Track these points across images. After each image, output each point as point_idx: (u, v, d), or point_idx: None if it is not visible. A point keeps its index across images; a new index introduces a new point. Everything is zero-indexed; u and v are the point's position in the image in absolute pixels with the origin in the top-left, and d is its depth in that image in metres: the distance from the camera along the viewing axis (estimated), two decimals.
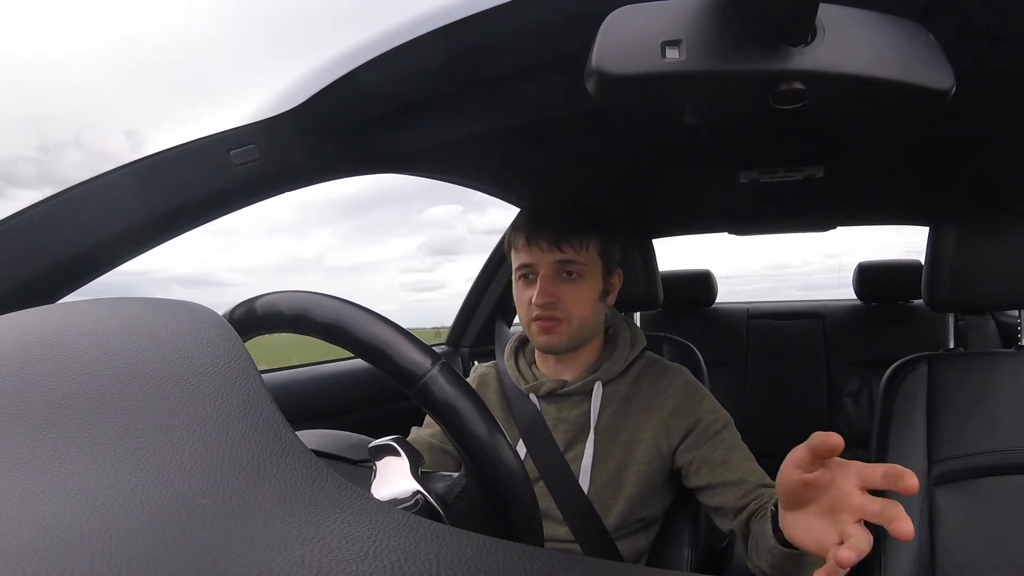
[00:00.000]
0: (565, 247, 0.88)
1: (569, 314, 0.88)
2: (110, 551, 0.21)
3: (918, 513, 0.90)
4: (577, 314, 0.89)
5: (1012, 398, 0.94)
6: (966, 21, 0.56)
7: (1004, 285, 0.97)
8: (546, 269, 0.88)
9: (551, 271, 0.88)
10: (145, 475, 0.25)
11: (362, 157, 0.85)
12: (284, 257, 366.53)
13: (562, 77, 0.66)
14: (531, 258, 0.89)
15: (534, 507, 0.45)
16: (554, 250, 0.88)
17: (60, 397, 0.28)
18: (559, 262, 0.88)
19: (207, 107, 7.02)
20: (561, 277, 0.89)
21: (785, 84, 0.39)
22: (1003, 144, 1.02)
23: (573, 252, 0.88)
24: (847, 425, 1.95)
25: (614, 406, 0.91)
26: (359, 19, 45.29)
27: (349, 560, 0.23)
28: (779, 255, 38.27)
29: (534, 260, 0.89)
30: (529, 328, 0.91)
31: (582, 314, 0.90)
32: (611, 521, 0.87)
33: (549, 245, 0.88)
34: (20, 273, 0.59)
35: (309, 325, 0.46)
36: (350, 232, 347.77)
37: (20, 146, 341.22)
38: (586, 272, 0.90)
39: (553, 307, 0.88)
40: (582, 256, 0.89)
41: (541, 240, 0.88)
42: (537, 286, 0.88)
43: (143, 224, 0.65)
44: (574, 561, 0.26)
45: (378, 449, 0.46)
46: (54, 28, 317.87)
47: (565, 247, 0.88)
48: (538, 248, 0.88)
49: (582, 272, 0.89)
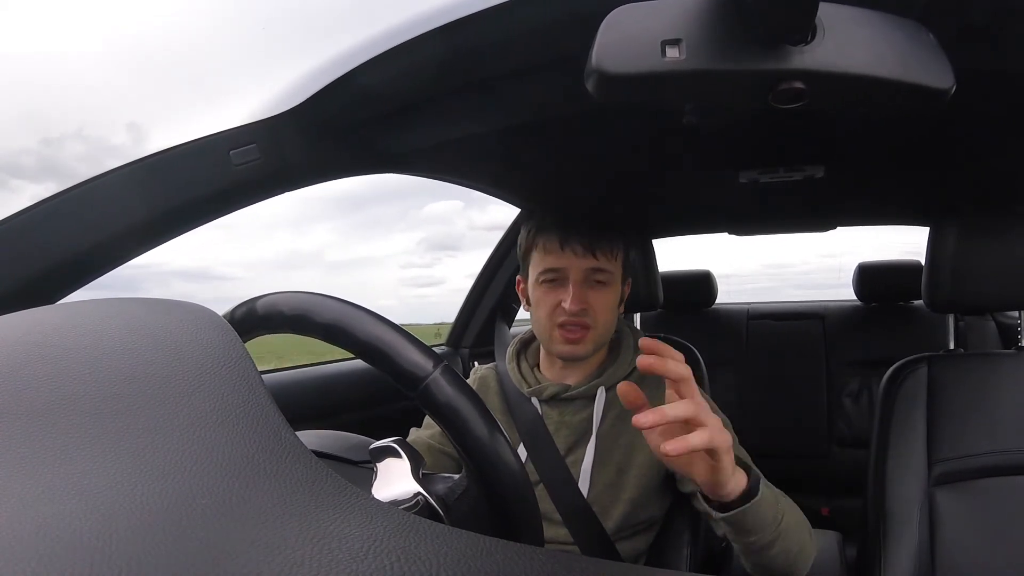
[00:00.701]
0: (599, 254, 0.88)
1: (596, 321, 0.89)
2: (110, 551, 0.21)
3: (918, 513, 0.90)
4: (603, 321, 0.89)
5: (1012, 399, 0.94)
6: (966, 21, 0.56)
7: (1004, 285, 0.97)
8: (577, 275, 0.88)
9: (582, 277, 0.88)
10: (145, 475, 0.25)
11: (362, 157, 0.86)
12: (284, 252, 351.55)
13: (562, 77, 0.66)
14: (563, 263, 0.88)
15: (534, 508, 0.45)
16: (588, 256, 0.88)
17: (60, 397, 0.28)
18: (591, 269, 0.88)
19: (207, 107, 7.03)
20: (590, 284, 0.89)
21: (785, 83, 0.39)
22: (1003, 144, 1.02)
23: (605, 260, 0.88)
24: (847, 425, 1.95)
25: (616, 411, 0.91)
26: (359, 19, 45.30)
27: (349, 560, 0.23)
28: (778, 255, 38.22)
29: (566, 264, 0.88)
30: (551, 333, 0.91)
31: (607, 321, 0.90)
32: (611, 524, 0.87)
33: (584, 251, 0.87)
34: (20, 273, 0.59)
35: (310, 326, 0.46)
36: (350, 227, 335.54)
37: (23, 139, 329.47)
38: (612, 280, 0.90)
39: (584, 314, 0.88)
40: (611, 264, 0.89)
41: (576, 244, 0.87)
42: (570, 292, 0.87)
43: (143, 224, 0.65)
44: (574, 561, 0.26)
45: (379, 451, 0.46)
46: (57, 26, 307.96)
47: (599, 254, 0.88)
48: (572, 253, 0.88)
49: (609, 280, 0.90)
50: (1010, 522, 0.88)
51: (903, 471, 0.94)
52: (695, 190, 1.41)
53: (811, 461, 1.94)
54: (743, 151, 1.08)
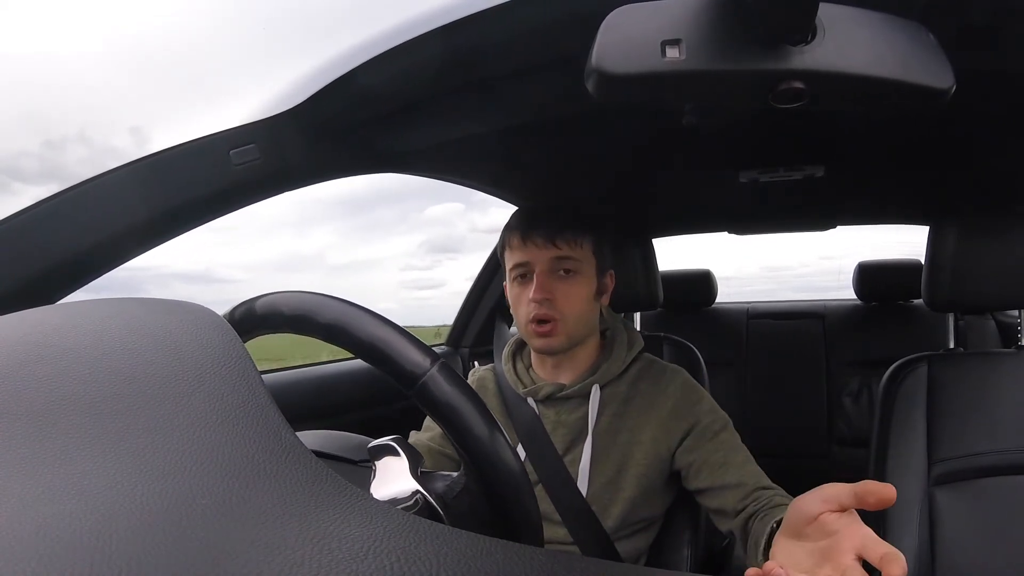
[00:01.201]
0: (560, 243, 0.88)
1: (564, 312, 0.88)
2: (110, 551, 0.21)
3: (918, 513, 0.90)
4: (572, 312, 0.89)
5: (1012, 398, 0.94)
6: (966, 21, 0.56)
7: (1004, 285, 0.96)
8: (542, 266, 0.88)
9: (547, 268, 0.88)
10: (145, 475, 0.25)
11: (362, 157, 0.86)
12: (284, 254, 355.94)
13: (562, 77, 0.66)
14: (526, 256, 0.89)
15: (534, 507, 0.45)
16: (549, 247, 0.88)
17: (60, 397, 0.28)
18: (555, 259, 0.88)
19: (207, 107, 7.04)
20: (557, 275, 0.89)
21: (785, 83, 0.39)
22: (1003, 144, 1.02)
23: (568, 248, 0.88)
24: (847, 425, 1.95)
25: (613, 408, 0.91)
26: (359, 19, 45.38)
27: (349, 560, 0.23)
28: (776, 257, 38.05)
29: (529, 258, 0.89)
30: (526, 329, 0.91)
31: (577, 312, 0.90)
32: (610, 522, 0.87)
33: (544, 242, 0.88)
34: (20, 273, 0.59)
35: (309, 325, 0.46)
36: (350, 230, 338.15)
37: (24, 141, 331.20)
38: (581, 269, 0.90)
39: (550, 304, 0.87)
40: (577, 252, 0.89)
41: (536, 237, 0.88)
42: (534, 282, 0.88)
43: (143, 224, 0.65)
44: (574, 561, 0.26)
45: (377, 449, 0.46)
46: (56, 26, 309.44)
47: (560, 243, 0.88)
48: (533, 245, 0.88)
49: (577, 269, 0.89)
50: (1010, 522, 0.88)
51: (903, 471, 0.94)
52: (695, 190, 1.41)
53: (811, 460, 1.94)
54: (743, 151, 1.08)
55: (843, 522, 0.48)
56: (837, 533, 0.48)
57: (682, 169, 1.20)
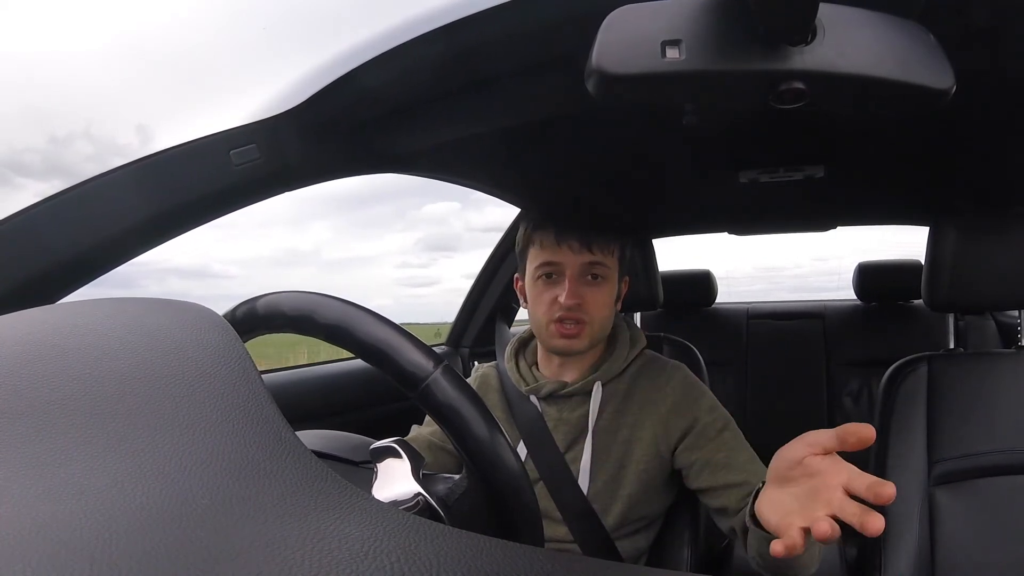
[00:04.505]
0: (595, 249, 0.88)
1: (592, 316, 0.89)
2: (110, 551, 0.21)
3: (918, 513, 0.91)
4: (599, 316, 0.90)
5: (1012, 398, 0.94)
6: (966, 21, 0.56)
7: (1004, 285, 0.97)
8: (573, 270, 0.88)
9: (578, 272, 0.88)
10: (145, 475, 0.25)
11: (362, 157, 0.86)
12: (280, 250, 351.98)
13: (562, 77, 0.66)
14: (559, 257, 0.89)
15: (535, 508, 0.45)
16: (584, 252, 0.88)
17: (60, 397, 0.28)
18: (587, 264, 0.88)
19: (207, 107, 7.05)
20: (586, 280, 0.89)
21: (785, 84, 0.39)
22: (1003, 144, 1.02)
23: (601, 255, 0.89)
24: None
25: (614, 405, 0.91)
26: (359, 19, 45.36)
27: (349, 560, 0.23)
28: (771, 258, 38.13)
29: (562, 259, 0.88)
30: (547, 328, 0.91)
31: (603, 316, 0.90)
32: (611, 520, 0.87)
33: (580, 246, 0.88)
34: (20, 273, 0.59)
35: (311, 326, 0.46)
36: (346, 226, 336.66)
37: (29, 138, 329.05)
38: (608, 275, 0.90)
39: (579, 309, 0.88)
40: (607, 259, 0.90)
41: (572, 240, 0.88)
42: (566, 286, 0.87)
43: (143, 223, 0.65)
44: (574, 561, 0.26)
45: (379, 451, 0.46)
46: (60, 23, 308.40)
47: (595, 249, 0.88)
48: (568, 248, 0.88)
49: (605, 275, 0.90)
50: (1010, 522, 0.88)
51: (903, 470, 0.94)
52: (695, 190, 1.42)
53: None
54: (743, 151, 1.08)
55: (827, 463, 0.54)
56: (822, 472, 0.53)
57: (682, 169, 1.20)
